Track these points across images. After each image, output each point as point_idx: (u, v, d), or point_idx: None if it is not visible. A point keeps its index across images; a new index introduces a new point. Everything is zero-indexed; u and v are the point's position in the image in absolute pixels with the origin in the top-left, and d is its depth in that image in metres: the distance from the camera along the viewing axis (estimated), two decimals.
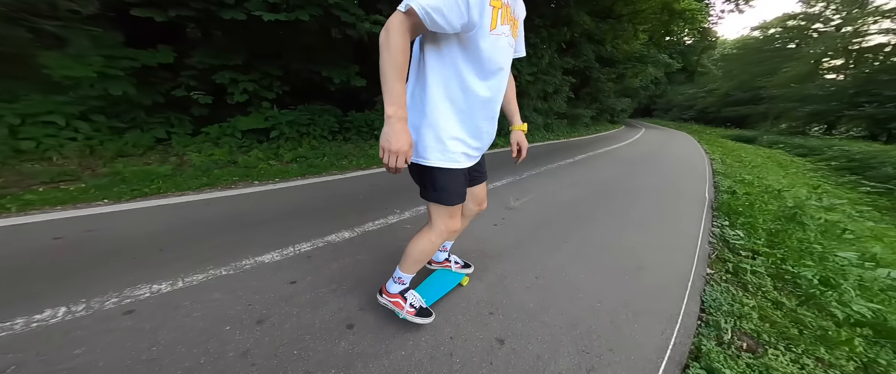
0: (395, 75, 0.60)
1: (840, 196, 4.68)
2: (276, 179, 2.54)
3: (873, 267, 2.02)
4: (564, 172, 3.75)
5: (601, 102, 12.57)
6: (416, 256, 0.91)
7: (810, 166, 7.52)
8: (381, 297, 1.00)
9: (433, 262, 1.31)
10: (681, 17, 8.65)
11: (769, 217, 2.69)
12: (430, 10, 0.56)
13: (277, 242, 1.56)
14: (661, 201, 2.95)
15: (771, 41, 22.33)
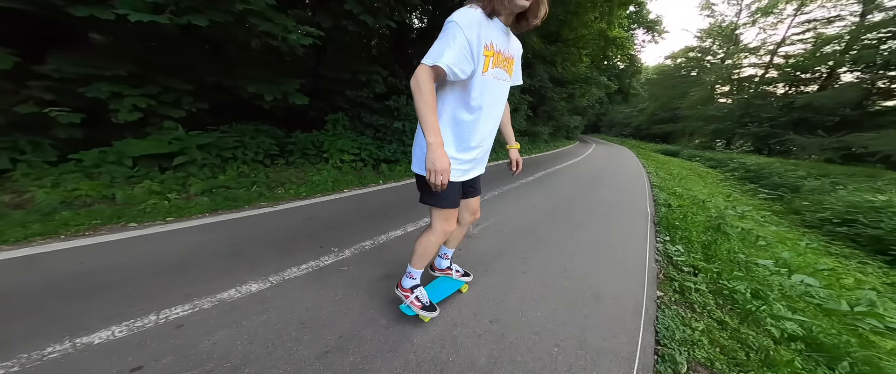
0: (430, 112, 0.78)
1: (746, 203, 5.51)
2: (169, 219, 1.98)
3: (787, 273, 2.25)
4: (525, 193, 3.76)
5: (557, 120, 13.68)
6: (421, 253, 1.10)
7: (721, 176, 8.93)
8: (397, 290, 1.19)
9: (436, 269, 1.45)
10: (613, 44, 10.07)
11: (700, 229, 2.95)
12: (453, 65, 0.77)
13: (126, 310, 1.12)
14: (611, 217, 3.06)
15: (679, 69, 27.23)
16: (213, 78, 2.74)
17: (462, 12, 0.80)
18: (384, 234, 2.11)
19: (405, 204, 2.87)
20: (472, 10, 0.81)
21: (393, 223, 2.33)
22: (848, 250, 3.49)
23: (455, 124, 0.92)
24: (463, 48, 0.78)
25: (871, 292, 2.34)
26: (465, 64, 0.80)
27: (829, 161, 9.96)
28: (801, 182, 6.42)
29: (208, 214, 2.11)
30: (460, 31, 0.78)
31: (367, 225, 2.23)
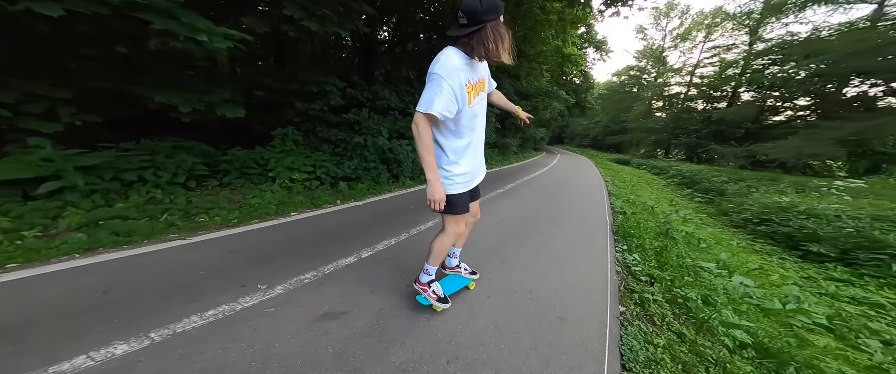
0: (429, 154, 1.04)
1: (686, 207, 6.14)
2: (10, 265, 1.45)
3: (728, 275, 2.43)
4: (494, 206, 3.70)
5: (524, 132, 14.38)
6: (437, 252, 1.30)
7: (664, 183, 10.02)
8: (415, 284, 1.38)
9: (447, 267, 1.65)
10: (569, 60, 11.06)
11: (651, 235, 3.12)
12: (443, 111, 1.00)
13: None
14: (574, 227, 3.11)
15: (623, 85, 30.92)
16: (105, 84, 2.22)
17: (442, 65, 0.98)
18: (332, 263, 1.83)
19: (365, 225, 2.60)
20: (449, 58, 0.99)
21: (345, 249, 2.05)
22: (769, 247, 3.98)
23: (453, 152, 1.15)
24: (449, 96, 0.98)
25: (794, 287, 2.64)
26: (452, 107, 1.01)
27: (742, 167, 11.83)
28: (725, 186, 7.42)
29: (81, 254, 1.62)
30: (444, 82, 0.96)
31: (312, 253, 1.93)
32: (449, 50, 1.02)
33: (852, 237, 3.41)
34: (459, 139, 1.14)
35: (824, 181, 8.08)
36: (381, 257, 2.02)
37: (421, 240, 2.41)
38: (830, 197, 5.09)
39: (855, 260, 3.22)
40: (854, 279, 2.99)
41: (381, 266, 1.88)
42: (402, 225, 2.71)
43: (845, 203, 4.49)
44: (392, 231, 2.50)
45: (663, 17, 25.37)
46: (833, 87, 12.37)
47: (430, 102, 0.96)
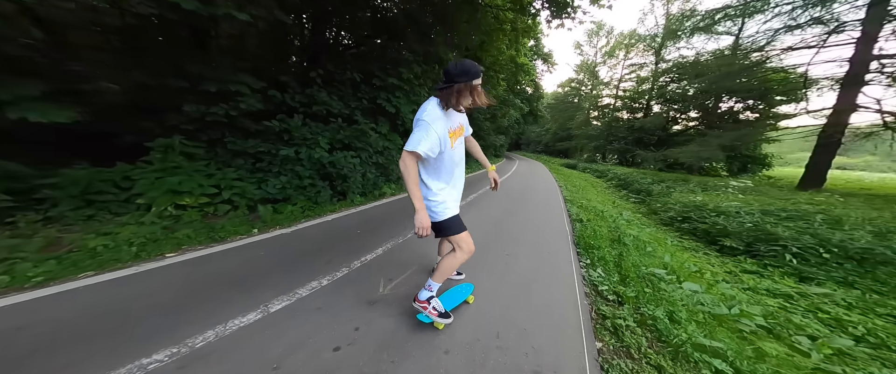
0: (415, 187, 1.19)
1: (625, 207, 6.79)
2: None
3: (678, 281, 2.52)
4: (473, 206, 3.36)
5: (484, 139, 14.67)
6: (445, 269, 1.39)
7: (605, 185, 11.20)
8: (415, 303, 1.43)
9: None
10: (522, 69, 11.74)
11: (607, 242, 3.17)
12: (428, 151, 1.18)
13: None
14: (538, 240, 2.98)
15: (566, 96, 34.69)
16: None
17: (428, 113, 1.21)
18: (211, 329, 1.24)
19: (286, 261, 2.00)
20: (432, 108, 1.23)
21: (244, 302, 1.47)
22: (693, 244, 4.50)
23: (441, 182, 1.38)
24: (434, 139, 1.19)
25: (725, 285, 2.91)
26: (436, 148, 1.21)
27: (660, 170, 14.08)
28: (651, 187, 8.54)
29: None
30: (431, 128, 1.18)
31: (179, 317, 1.30)
32: (432, 100, 1.26)
33: (752, 231, 4.03)
34: (450, 174, 1.39)
35: (721, 180, 10.06)
36: (300, 310, 1.48)
37: (367, 273, 1.92)
38: (728, 195, 6.16)
39: (758, 252, 3.79)
40: (761, 270, 3.48)
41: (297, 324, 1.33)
42: (343, 256, 2.18)
43: (740, 200, 5.44)
44: (324, 268, 1.95)
45: (594, 36, 29.29)
46: (711, 102, 15.75)
47: (417, 143, 1.15)
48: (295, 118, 3.27)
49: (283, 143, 3.09)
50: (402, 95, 4.81)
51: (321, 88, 3.75)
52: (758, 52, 10.59)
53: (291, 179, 2.99)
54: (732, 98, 14.81)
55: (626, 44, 25.08)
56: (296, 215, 2.84)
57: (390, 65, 4.69)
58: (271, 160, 2.95)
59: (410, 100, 4.99)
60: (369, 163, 4.13)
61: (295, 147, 3.12)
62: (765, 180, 10.84)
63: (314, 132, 3.37)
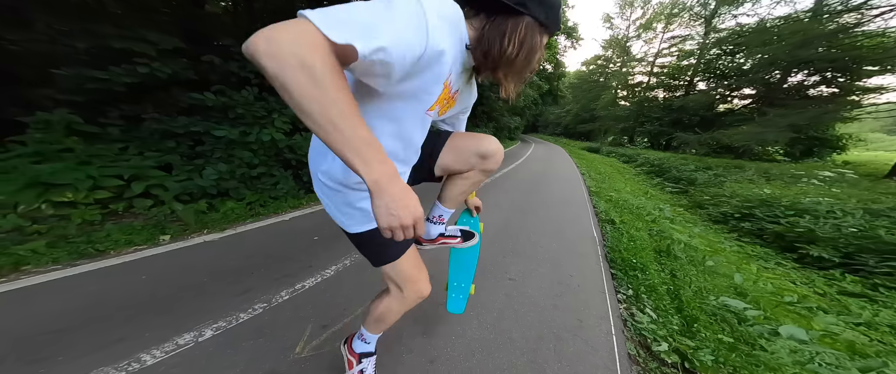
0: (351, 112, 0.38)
1: (661, 199, 5.70)
2: None
3: (764, 320, 1.70)
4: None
5: (497, 121, 13.51)
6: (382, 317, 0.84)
7: (634, 171, 9.85)
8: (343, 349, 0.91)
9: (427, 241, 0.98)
10: None
11: (651, 257, 2.35)
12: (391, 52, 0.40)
13: None
14: (555, 256, 2.22)
15: (592, 74, 31.44)
16: None
17: None
18: None
19: (192, 287, 1.43)
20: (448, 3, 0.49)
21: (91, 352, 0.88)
22: (760, 249, 3.51)
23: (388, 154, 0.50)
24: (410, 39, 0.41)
25: (830, 319, 2.03)
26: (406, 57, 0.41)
27: (706, 154, 12.24)
28: (694, 175, 7.23)
29: None
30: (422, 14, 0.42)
31: None
32: None
33: (856, 238, 2.97)
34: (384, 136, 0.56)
35: (785, 167, 8.33)
36: None
37: (293, 313, 1.30)
38: (812, 187, 4.88)
39: (862, 266, 2.77)
40: (868, 292, 2.50)
41: None
42: (273, 279, 1.58)
43: (831, 195, 4.21)
44: (229, 305, 1.35)
45: (628, 7, 25.70)
46: (776, 77, 13.19)
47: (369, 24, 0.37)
48: (246, 91, 2.59)
49: (229, 121, 2.45)
50: None
51: None
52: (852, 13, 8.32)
53: (234, 168, 2.36)
54: (805, 71, 12.23)
55: (667, 14, 21.62)
56: (239, 213, 2.27)
57: None
58: (216, 144, 2.34)
59: None
60: None
61: (243, 128, 2.47)
62: (839, 166, 8.94)
63: (271, 109, 2.68)
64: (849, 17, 8.41)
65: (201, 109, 2.39)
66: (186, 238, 1.91)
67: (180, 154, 2.27)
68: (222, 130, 2.33)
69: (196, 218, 2.00)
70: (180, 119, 2.25)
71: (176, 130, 2.21)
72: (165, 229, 1.88)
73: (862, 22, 8.32)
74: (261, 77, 2.82)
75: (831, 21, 8.86)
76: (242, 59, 2.74)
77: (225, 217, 2.17)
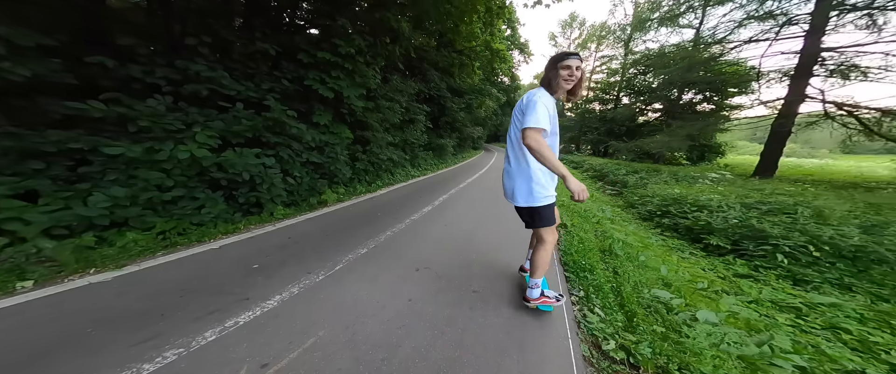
0: (553, 156, 1.24)
1: (604, 201, 6.47)
2: None
3: (686, 307, 1.99)
4: (414, 237, 2.59)
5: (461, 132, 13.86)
6: (541, 265, 1.51)
7: (581, 176, 11.06)
8: (529, 303, 1.57)
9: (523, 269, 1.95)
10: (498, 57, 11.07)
11: (597, 257, 2.59)
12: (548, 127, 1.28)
13: None
14: (516, 264, 2.27)
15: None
16: None
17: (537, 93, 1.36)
18: None
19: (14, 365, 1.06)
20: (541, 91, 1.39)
21: None
22: (677, 241, 4.18)
23: (542, 170, 1.42)
24: (545, 115, 1.28)
25: (732, 300, 2.48)
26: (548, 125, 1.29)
27: (632, 160, 14.42)
28: (626, 179, 8.42)
29: None
30: (540, 103, 1.29)
31: None
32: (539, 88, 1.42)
33: (738, 228, 3.75)
34: None
35: (685, 170, 10.33)
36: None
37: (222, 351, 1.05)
38: (704, 186, 6.06)
39: (745, 251, 3.49)
40: (753, 273, 3.15)
41: None
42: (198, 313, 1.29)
43: (718, 192, 5.28)
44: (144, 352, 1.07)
45: (568, 27, 29.48)
46: (674, 94, 16.42)
47: (537, 119, 1.25)
48: (155, 101, 2.14)
49: (129, 136, 1.96)
50: (344, 75, 3.77)
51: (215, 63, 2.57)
52: (716, 46, 10.95)
53: (137, 193, 1.89)
54: (693, 90, 15.52)
55: (598, 36, 25.45)
56: (146, 245, 1.83)
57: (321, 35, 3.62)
58: (109, 164, 1.83)
59: (355, 82, 3.96)
60: (296, 163, 3.14)
61: (149, 143, 2.01)
62: (721, 168, 11.44)
63: (191, 121, 2.27)
64: (715, 48, 10.97)
65: (85, 121, 1.85)
66: (62, 281, 1.45)
67: (52, 178, 1.71)
68: (118, 147, 1.84)
69: (77, 256, 1.54)
70: (51, 134, 1.70)
71: (44, 149, 1.66)
72: (25, 273, 1.40)
73: (724, 53, 10.93)
74: (176, 84, 2.37)
75: (705, 50, 11.44)
76: (150, 62, 2.26)
77: (124, 252, 1.72)
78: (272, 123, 2.91)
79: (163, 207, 2.02)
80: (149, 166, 1.97)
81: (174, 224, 2.01)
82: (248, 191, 2.49)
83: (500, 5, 7.15)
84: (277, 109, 2.94)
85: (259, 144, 2.86)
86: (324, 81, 3.54)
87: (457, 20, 6.56)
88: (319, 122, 3.64)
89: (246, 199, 2.47)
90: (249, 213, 2.48)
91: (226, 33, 2.98)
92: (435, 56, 8.92)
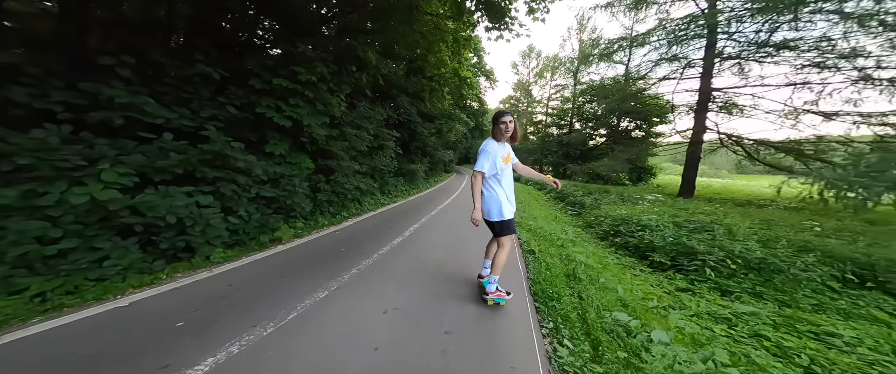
0: (478, 195, 1.99)
1: (566, 222, 6.93)
2: None
3: (642, 329, 2.13)
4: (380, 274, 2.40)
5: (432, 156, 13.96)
6: (499, 264, 2.03)
7: (545, 198, 11.83)
8: (488, 296, 2.05)
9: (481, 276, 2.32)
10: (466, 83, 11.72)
11: (563, 283, 2.69)
12: (487, 170, 1.98)
13: None
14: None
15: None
16: None
17: (488, 143, 2.02)
18: None
19: None
20: (490, 141, 2.03)
21: None
22: (628, 259, 4.59)
23: (504, 192, 2.03)
24: (491, 162, 1.96)
25: (677, 315, 2.73)
26: (492, 169, 1.98)
27: (586, 181, 15.99)
28: (583, 200, 9.22)
29: None
30: (488, 153, 1.97)
31: None
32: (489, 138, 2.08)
33: (673, 245, 4.28)
34: (502, 187, 2.03)
35: (628, 190, 11.77)
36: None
37: None
38: (645, 207, 6.90)
39: (682, 266, 3.96)
40: (691, 287, 3.55)
41: None
42: None
43: (655, 212, 6.04)
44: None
45: (527, 57, 32.88)
46: (614, 122, 19.09)
47: (481, 165, 1.96)
48: (45, 131, 1.72)
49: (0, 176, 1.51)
50: (304, 103, 3.58)
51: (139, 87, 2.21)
52: (641, 81, 13.24)
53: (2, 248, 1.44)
54: (627, 118, 18.25)
55: (552, 67, 28.80)
56: (15, 311, 1.38)
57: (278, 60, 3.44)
58: None
59: (317, 110, 3.79)
60: (243, 199, 2.79)
61: (30, 185, 1.59)
62: (655, 188, 13.29)
63: (97, 156, 1.86)
64: (641, 83, 13.22)
65: None
66: None
67: None
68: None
69: None
70: None
71: None
72: None
73: (647, 88, 13.21)
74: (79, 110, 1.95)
75: (633, 84, 13.69)
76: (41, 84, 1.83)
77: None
78: (212, 156, 2.57)
79: (44, 263, 1.56)
80: (27, 214, 1.52)
81: (61, 282, 1.55)
82: (174, 235, 2.08)
83: (467, 37, 7.78)
84: (219, 140, 2.62)
85: (192, 180, 2.50)
86: (280, 108, 3.32)
87: (426, 49, 6.90)
88: (274, 152, 3.34)
89: (171, 244, 2.04)
90: (176, 259, 2.06)
91: (157, 53, 2.63)
92: (404, 82, 9.15)
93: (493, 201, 1.96)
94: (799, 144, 8.55)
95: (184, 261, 2.18)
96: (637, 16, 12.92)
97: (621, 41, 11.99)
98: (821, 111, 7.98)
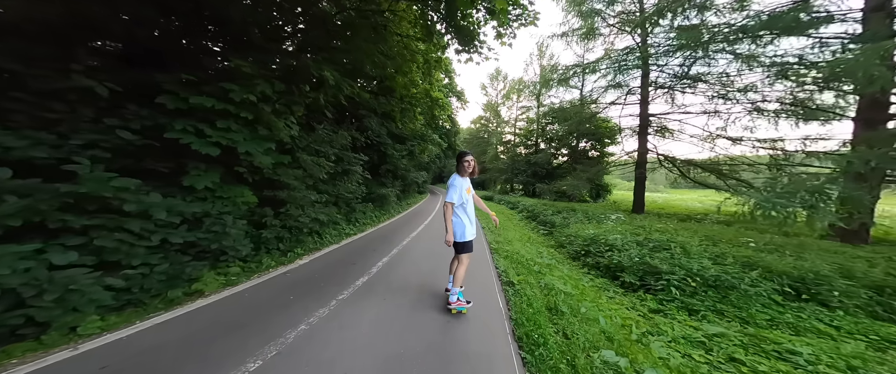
0: (449, 220, 2.45)
1: (540, 242, 6.99)
2: None
3: (632, 370, 2.01)
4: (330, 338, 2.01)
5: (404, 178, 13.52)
6: (459, 277, 2.53)
7: (518, 218, 12.08)
8: (452, 306, 2.49)
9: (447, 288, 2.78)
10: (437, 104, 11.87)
11: (545, 319, 2.53)
12: (456, 200, 2.46)
13: None
14: (465, 344, 1.96)
15: (478, 132, 38.98)
16: None
17: (456, 178, 2.52)
18: None
19: None
20: (455, 176, 2.54)
21: None
22: (600, 280, 4.66)
23: (466, 219, 2.50)
24: (459, 194, 2.44)
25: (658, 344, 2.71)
26: (460, 199, 2.46)
27: (554, 200, 16.85)
28: (553, 218, 9.55)
29: None
30: (456, 187, 2.46)
31: None
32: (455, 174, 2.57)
33: (639, 265, 4.46)
34: (466, 214, 2.52)
35: (591, 207, 12.61)
36: None
37: None
38: (609, 225, 7.30)
39: (650, 286, 4.11)
40: (662, 308, 3.64)
41: None
42: None
43: (619, 231, 6.39)
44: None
45: (495, 80, 34.97)
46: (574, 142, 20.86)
47: (451, 196, 2.43)
48: None
49: None
50: (240, 126, 3.01)
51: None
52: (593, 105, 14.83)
53: None
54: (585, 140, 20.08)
55: (518, 89, 30.94)
56: None
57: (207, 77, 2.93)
58: None
59: (259, 134, 3.26)
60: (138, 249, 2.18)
61: None
62: (612, 205, 14.47)
63: None
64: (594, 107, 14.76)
65: None
66: None
67: None
68: None
69: None
70: None
71: None
72: None
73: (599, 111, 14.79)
74: None
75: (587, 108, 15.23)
76: None
77: None
78: (78, 199, 1.97)
79: None
80: None
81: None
82: (3, 311, 1.48)
83: (437, 58, 7.96)
84: (91, 178, 2.02)
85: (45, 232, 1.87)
86: (202, 133, 2.73)
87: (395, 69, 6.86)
88: (195, 186, 2.74)
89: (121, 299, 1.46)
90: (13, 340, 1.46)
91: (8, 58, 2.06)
92: (373, 103, 8.94)
93: (459, 225, 2.44)
94: (718, 165, 10.06)
95: (28, 339, 1.56)
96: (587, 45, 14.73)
97: (575, 68, 13.44)
98: (729, 136, 9.56)
